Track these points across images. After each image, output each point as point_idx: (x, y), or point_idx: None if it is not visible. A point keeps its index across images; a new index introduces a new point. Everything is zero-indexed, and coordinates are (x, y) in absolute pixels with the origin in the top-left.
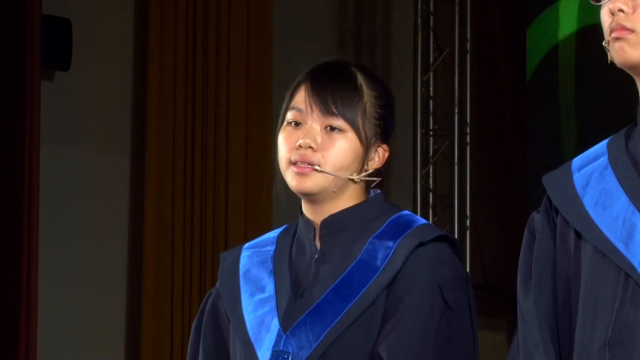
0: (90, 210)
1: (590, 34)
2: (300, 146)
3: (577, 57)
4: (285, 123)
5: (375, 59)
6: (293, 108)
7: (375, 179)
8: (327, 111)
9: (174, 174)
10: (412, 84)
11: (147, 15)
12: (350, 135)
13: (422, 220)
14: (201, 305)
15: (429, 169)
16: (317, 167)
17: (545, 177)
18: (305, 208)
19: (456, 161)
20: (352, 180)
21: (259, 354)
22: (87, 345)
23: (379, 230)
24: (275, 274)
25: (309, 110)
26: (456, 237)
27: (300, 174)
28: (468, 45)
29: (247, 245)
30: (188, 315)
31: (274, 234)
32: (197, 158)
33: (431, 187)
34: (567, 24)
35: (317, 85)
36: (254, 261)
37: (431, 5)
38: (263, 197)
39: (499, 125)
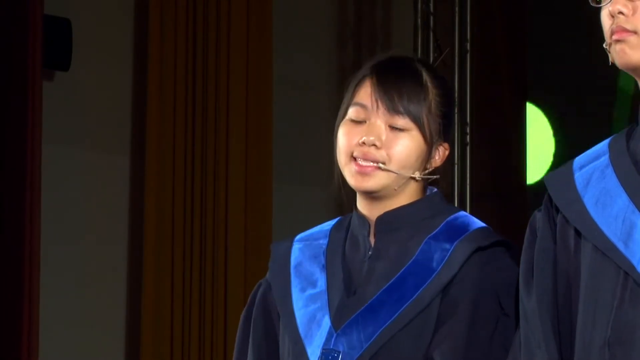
0: (89, 210)
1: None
2: (364, 143)
3: None
4: (347, 118)
5: None
6: (357, 104)
7: (434, 176)
8: (393, 109)
9: (174, 174)
10: None
11: (147, 15)
12: (415, 133)
13: (480, 223)
14: (250, 295)
15: None
16: (380, 166)
17: (546, 176)
18: (361, 203)
19: (456, 161)
20: (414, 178)
21: (309, 351)
22: (87, 345)
23: (436, 231)
24: (327, 268)
25: (375, 107)
26: None
27: (362, 173)
28: (468, 45)
29: (298, 237)
30: (188, 315)
31: (327, 226)
32: (197, 158)
33: None
34: None
35: (383, 81)
36: (305, 255)
37: (431, 5)
38: (263, 196)
39: (499, 125)
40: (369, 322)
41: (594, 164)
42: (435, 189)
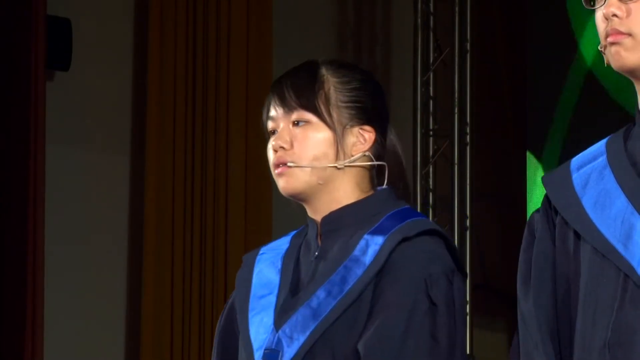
0: (89, 211)
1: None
2: (275, 150)
3: None
4: (267, 135)
5: (375, 59)
6: (267, 119)
7: (365, 164)
8: (288, 107)
9: (174, 174)
10: (412, 84)
11: (147, 15)
12: (316, 123)
13: (419, 216)
14: (225, 306)
15: (429, 169)
16: (289, 164)
17: (544, 176)
18: (307, 208)
19: (456, 161)
20: (337, 168)
21: (255, 353)
22: (87, 344)
23: (374, 227)
24: (282, 273)
25: (277, 113)
26: (456, 237)
27: (280, 175)
28: (468, 45)
29: (265, 246)
30: (188, 315)
31: (291, 234)
32: (197, 158)
33: (431, 187)
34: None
35: (278, 90)
36: (267, 261)
37: (431, 5)
38: (263, 196)
39: (499, 125)
40: (305, 319)
41: (592, 165)
42: (387, 187)
